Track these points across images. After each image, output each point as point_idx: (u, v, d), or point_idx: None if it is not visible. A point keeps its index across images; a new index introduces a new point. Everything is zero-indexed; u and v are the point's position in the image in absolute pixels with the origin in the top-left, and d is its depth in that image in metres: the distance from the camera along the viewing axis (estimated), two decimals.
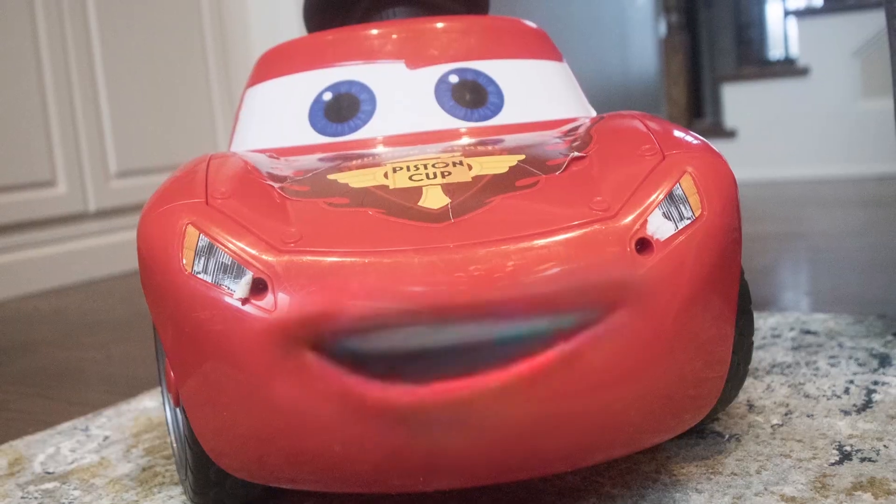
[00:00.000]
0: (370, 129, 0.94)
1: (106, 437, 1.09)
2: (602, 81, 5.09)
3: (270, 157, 0.89)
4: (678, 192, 0.72)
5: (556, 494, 0.82)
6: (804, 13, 3.84)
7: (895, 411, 0.95)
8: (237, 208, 0.73)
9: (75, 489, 0.94)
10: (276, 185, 0.77)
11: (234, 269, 0.68)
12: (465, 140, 0.92)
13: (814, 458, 0.85)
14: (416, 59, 0.97)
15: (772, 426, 0.94)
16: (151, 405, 1.21)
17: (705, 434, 0.93)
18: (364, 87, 0.96)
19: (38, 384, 1.42)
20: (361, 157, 0.87)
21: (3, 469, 1.01)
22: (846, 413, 0.96)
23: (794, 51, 4.70)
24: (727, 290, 0.73)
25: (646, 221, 0.70)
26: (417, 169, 0.78)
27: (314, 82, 0.98)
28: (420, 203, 0.73)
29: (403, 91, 0.96)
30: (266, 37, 2.95)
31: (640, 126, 0.82)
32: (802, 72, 3.65)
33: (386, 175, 0.78)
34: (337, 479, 0.70)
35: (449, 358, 0.65)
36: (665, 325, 0.68)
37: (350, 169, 0.81)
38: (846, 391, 1.02)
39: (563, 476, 0.85)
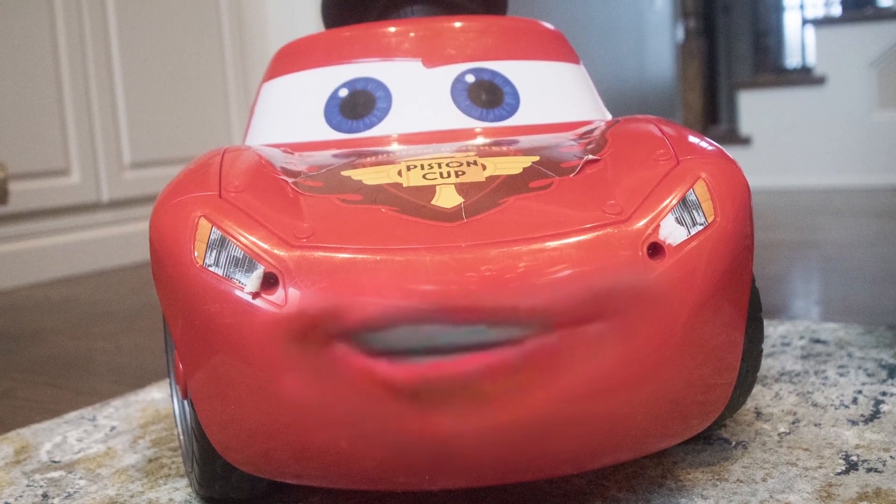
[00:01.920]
0: (385, 127, 0.94)
1: (113, 428, 1.09)
2: (618, 85, 5.09)
3: (285, 151, 0.89)
4: (691, 197, 0.72)
5: (562, 497, 0.82)
6: (822, 22, 3.84)
7: None
8: (250, 202, 0.73)
9: (81, 478, 0.94)
10: (290, 180, 0.77)
11: (246, 262, 0.68)
12: (480, 140, 0.92)
13: (820, 467, 0.85)
14: (432, 58, 0.97)
15: (779, 434, 0.94)
16: (159, 396, 1.21)
17: (712, 440, 0.93)
18: (380, 85, 0.96)
19: (46, 373, 1.42)
20: (376, 154, 0.87)
21: (9, 457, 1.02)
22: (853, 423, 0.96)
23: (811, 59, 4.69)
24: (738, 297, 0.73)
25: (658, 226, 0.70)
26: (431, 168, 0.78)
27: (331, 78, 0.98)
28: (433, 202, 0.73)
29: (419, 89, 0.96)
30: (283, 32, 2.95)
31: (655, 131, 0.82)
32: (819, 81, 3.64)
33: (400, 173, 0.78)
34: (343, 475, 0.70)
35: (458, 355, 0.65)
36: (675, 330, 0.68)
37: (364, 166, 0.82)
38: (854, 401, 1.02)
39: (569, 479, 0.85)
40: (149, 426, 1.09)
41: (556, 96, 0.98)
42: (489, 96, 0.96)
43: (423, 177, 0.77)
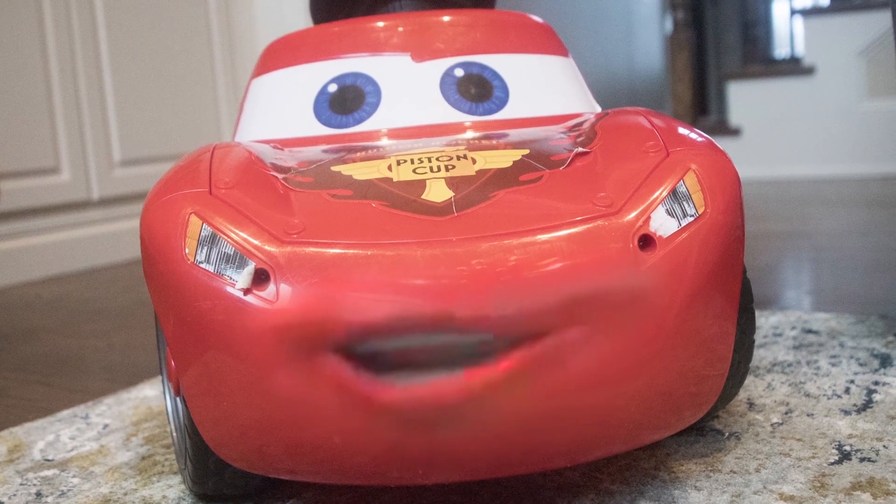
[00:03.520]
0: (375, 122, 0.94)
1: (106, 425, 1.09)
2: (607, 77, 5.09)
3: (275, 147, 0.89)
4: (682, 189, 0.72)
5: (556, 490, 0.82)
6: (810, 12, 3.83)
7: (895, 412, 0.95)
8: (240, 198, 0.73)
9: (74, 476, 0.94)
10: (280, 176, 0.77)
11: (237, 259, 0.68)
12: (470, 134, 0.92)
13: (813, 457, 0.85)
14: (421, 53, 0.97)
15: (772, 425, 0.94)
16: (152, 394, 1.21)
17: (705, 432, 0.93)
18: (369, 80, 0.96)
19: (38, 371, 1.42)
20: (365, 149, 0.87)
21: (2, 455, 1.01)
22: (846, 413, 0.96)
23: (800, 50, 4.69)
24: (729, 288, 0.73)
25: (649, 218, 0.70)
26: (421, 162, 0.78)
27: (320, 74, 0.98)
28: (423, 196, 0.73)
29: (408, 84, 0.96)
30: (272, 27, 2.95)
31: (645, 122, 0.82)
32: (808, 71, 3.64)
33: (390, 168, 0.78)
34: (336, 470, 0.70)
35: (449, 350, 0.65)
36: (666, 322, 0.68)
37: (354, 161, 0.82)
38: (847, 391, 1.02)
39: (563, 471, 0.85)
40: (141, 423, 1.09)
41: (545, 89, 0.98)
42: (478, 90, 0.96)
43: (414, 171, 0.77)
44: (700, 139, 0.79)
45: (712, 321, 0.71)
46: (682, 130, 0.81)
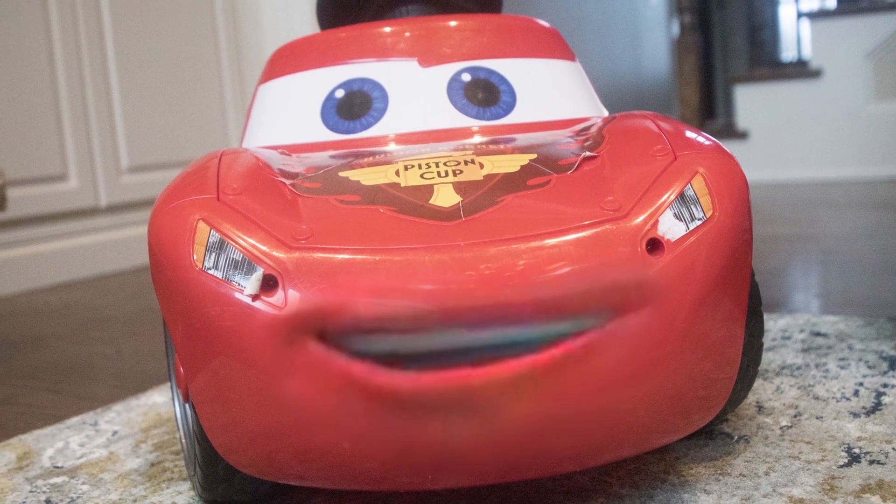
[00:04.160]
0: (382, 127, 0.94)
1: (115, 432, 1.09)
2: (614, 81, 5.09)
3: (282, 153, 0.89)
4: (690, 192, 0.72)
5: (565, 494, 0.82)
6: (817, 15, 3.83)
7: None
8: (248, 204, 0.73)
9: (84, 484, 0.94)
10: (288, 182, 0.77)
11: (245, 265, 0.68)
12: (477, 138, 0.91)
13: (822, 459, 0.85)
14: (428, 58, 0.97)
15: (781, 428, 0.94)
16: (161, 400, 1.21)
17: (714, 435, 0.93)
18: (376, 85, 0.96)
19: (47, 378, 1.42)
20: (373, 154, 0.87)
21: (11, 463, 1.01)
22: (855, 415, 0.96)
23: (807, 52, 4.69)
24: (738, 292, 0.73)
25: (657, 222, 0.70)
26: (429, 167, 0.78)
27: (327, 79, 0.98)
28: (431, 201, 0.73)
29: (416, 89, 0.96)
30: (279, 33, 2.95)
31: (652, 126, 0.82)
32: (815, 74, 3.64)
33: (397, 173, 0.78)
34: (345, 476, 0.70)
35: (458, 356, 0.65)
36: (675, 326, 0.68)
37: (362, 166, 0.82)
38: (855, 393, 1.02)
39: (572, 475, 0.85)
40: (151, 430, 1.09)
41: (552, 94, 0.98)
42: (485, 95, 0.95)
43: (421, 176, 0.77)
44: (707, 142, 0.79)
45: (721, 324, 0.71)
46: (689, 134, 0.81)
